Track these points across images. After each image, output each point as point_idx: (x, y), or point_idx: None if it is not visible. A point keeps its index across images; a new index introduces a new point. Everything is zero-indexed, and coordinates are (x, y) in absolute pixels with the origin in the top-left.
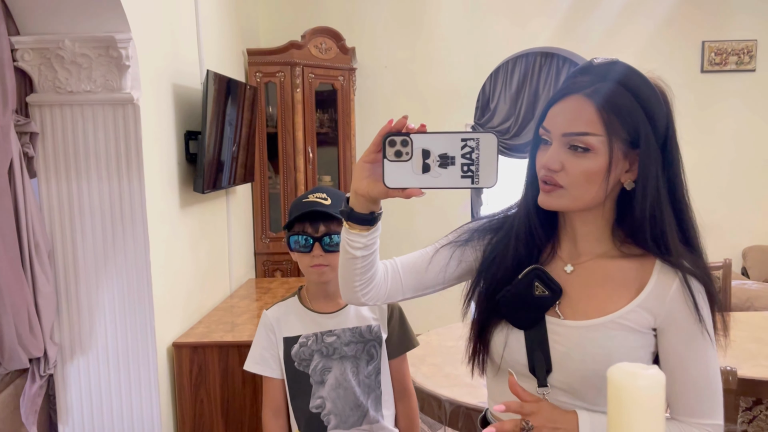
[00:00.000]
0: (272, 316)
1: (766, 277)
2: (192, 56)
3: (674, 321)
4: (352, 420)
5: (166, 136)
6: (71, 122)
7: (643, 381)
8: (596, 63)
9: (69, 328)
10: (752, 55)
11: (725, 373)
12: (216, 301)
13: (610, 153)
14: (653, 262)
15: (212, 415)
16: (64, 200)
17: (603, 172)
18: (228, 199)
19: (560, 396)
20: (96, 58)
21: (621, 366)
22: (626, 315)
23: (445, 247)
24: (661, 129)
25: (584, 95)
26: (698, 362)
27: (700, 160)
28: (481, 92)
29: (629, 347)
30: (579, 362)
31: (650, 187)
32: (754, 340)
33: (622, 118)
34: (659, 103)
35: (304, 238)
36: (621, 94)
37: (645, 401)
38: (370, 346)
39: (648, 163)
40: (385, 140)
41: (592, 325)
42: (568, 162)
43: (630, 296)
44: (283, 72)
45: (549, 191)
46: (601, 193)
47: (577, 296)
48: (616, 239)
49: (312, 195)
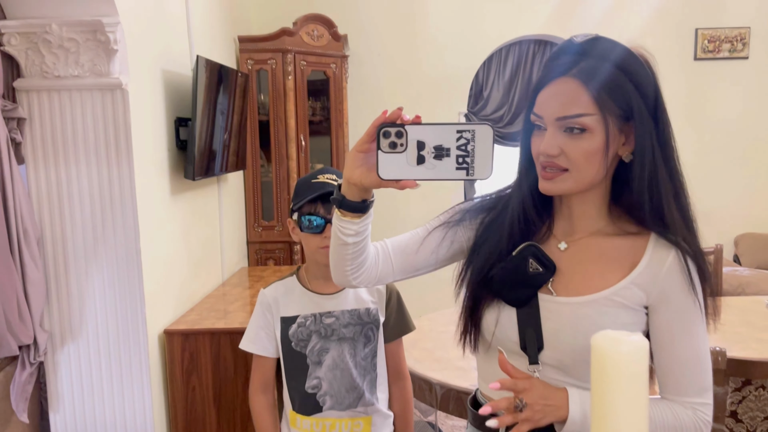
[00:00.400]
0: (270, 295)
1: (757, 263)
2: (182, 42)
3: (667, 297)
4: (347, 401)
5: (156, 122)
6: (59, 107)
7: (626, 347)
8: (577, 41)
9: (59, 315)
10: (745, 42)
11: (715, 353)
12: (208, 288)
13: (606, 130)
14: (647, 239)
15: (204, 402)
16: (53, 186)
17: (602, 150)
18: (219, 186)
19: (551, 373)
20: (83, 43)
21: (605, 332)
22: (619, 292)
23: (436, 228)
24: (651, 98)
25: (572, 76)
26: (689, 339)
27: (693, 147)
28: (474, 80)
29: (621, 324)
30: (571, 338)
31: (647, 156)
32: (744, 324)
33: (613, 94)
34: (646, 73)
35: (316, 219)
36: (608, 70)
37: (628, 367)
38: (368, 329)
39: (643, 134)
40: (380, 131)
41: (585, 302)
42: (566, 145)
43: (623, 273)
44: (274, 59)
45: (551, 177)
46: (602, 171)
47: (571, 273)
48: (612, 216)
49: (322, 176)
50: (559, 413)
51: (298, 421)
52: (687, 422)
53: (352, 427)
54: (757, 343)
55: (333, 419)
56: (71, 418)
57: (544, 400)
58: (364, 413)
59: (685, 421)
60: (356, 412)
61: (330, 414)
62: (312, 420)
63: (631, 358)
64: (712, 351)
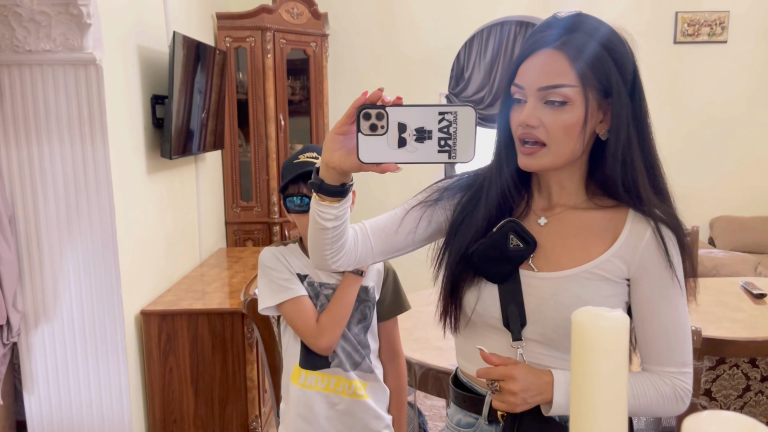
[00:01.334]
0: (277, 251)
1: (732, 245)
2: (158, 17)
3: (646, 270)
4: (352, 361)
5: (132, 99)
6: (30, 83)
7: (606, 322)
8: (560, 17)
9: (32, 295)
10: (724, 26)
11: (691, 332)
12: (186, 269)
13: (585, 103)
14: (626, 212)
15: (181, 384)
16: (25, 164)
17: (580, 124)
18: (197, 166)
19: (535, 348)
20: (55, 16)
21: (585, 309)
22: (600, 265)
23: (414, 208)
24: (629, 77)
25: (555, 48)
26: (669, 310)
27: (671, 130)
28: (456, 61)
29: (603, 296)
30: (553, 312)
31: (622, 134)
32: (718, 304)
33: (595, 68)
34: (626, 52)
35: (300, 198)
36: (590, 45)
37: (608, 342)
38: (365, 306)
39: (620, 112)
40: (360, 113)
41: (567, 276)
42: (546, 117)
43: (604, 246)
44: (253, 37)
45: (530, 153)
46: (579, 146)
47: (551, 247)
48: (589, 192)
49: (302, 155)
50: (541, 397)
51: (302, 377)
52: (667, 392)
53: (355, 388)
54: (731, 322)
55: (339, 377)
56: (46, 400)
57: (525, 393)
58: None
59: (666, 392)
60: (360, 373)
61: (336, 371)
62: (318, 375)
63: (611, 334)
64: None
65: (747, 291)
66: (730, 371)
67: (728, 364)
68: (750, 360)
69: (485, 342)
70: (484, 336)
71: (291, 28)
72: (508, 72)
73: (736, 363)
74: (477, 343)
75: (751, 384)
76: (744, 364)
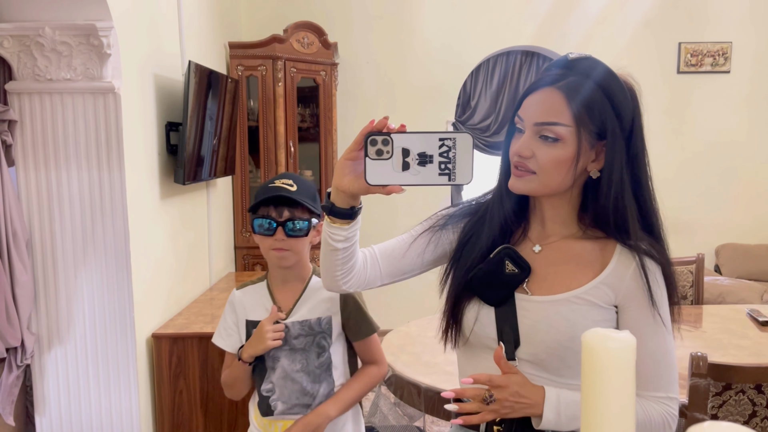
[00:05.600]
0: (239, 297)
1: (737, 273)
2: (174, 47)
3: (631, 301)
4: (297, 409)
5: (148, 126)
6: (51, 110)
7: (613, 343)
8: (571, 57)
9: (47, 317)
10: (727, 56)
11: (696, 358)
12: (196, 293)
13: (578, 143)
14: (615, 245)
15: (191, 406)
16: (43, 189)
17: (571, 161)
18: (208, 191)
19: (527, 368)
20: (76, 46)
21: (595, 330)
22: (589, 291)
23: (422, 234)
24: (627, 123)
25: (557, 87)
26: (654, 338)
27: (675, 159)
28: (462, 90)
29: (592, 320)
30: (545, 334)
31: (615, 177)
32: (724, 331)
33: (591, 111)
34: (626, 99)
35: (267, 221)
36: (591, 89)
37: (616, 362)
38: (320, 338)
39: (613, 155)
40: (367, 139)
41: (558, 300)
42: (539, 150)
43: (593, 274)
44: (264, 66)
45: (520, 176)
46: (568, 180)
47: (544, 273)
48: (581, 223)
49: (278, 180)
50: (531, 410)
51: (259, 418)
52: (655, 417)
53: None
54: (737, 349)
55: (285, 422)
56: (57, 422)
57: (516, 398)
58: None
59: (654, 417)
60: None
61: (280, 417)
62: (266, 421)
63: (619, 354)
64: (694, 356)
65: (753, 318)
66: (737, 397)
67: (734, 390)
68: (756, 386)
69: (482, 360)
70: (480, 355)
71: (301, 58)
72: (515, 103)
73: (742, 389)
74: (474, 361)
75: (757, 410)
76: (750, 390)
